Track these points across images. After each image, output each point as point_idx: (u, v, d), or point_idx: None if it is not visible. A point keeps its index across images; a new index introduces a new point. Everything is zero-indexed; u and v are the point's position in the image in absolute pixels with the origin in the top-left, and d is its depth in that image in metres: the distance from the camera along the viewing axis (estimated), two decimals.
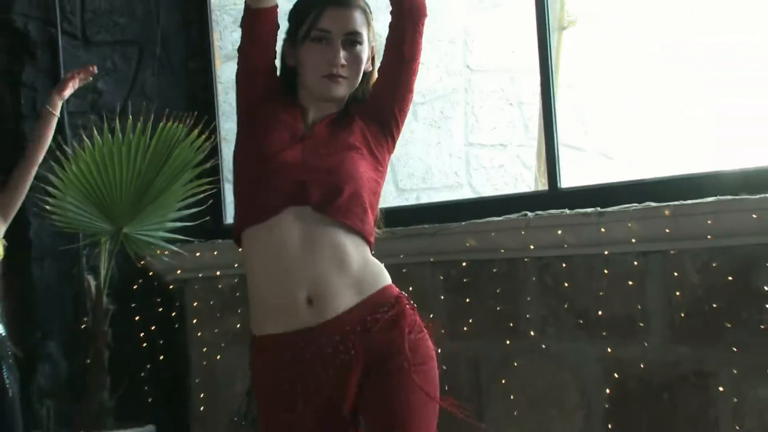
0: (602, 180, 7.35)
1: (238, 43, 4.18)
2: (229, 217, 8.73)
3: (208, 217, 8.54)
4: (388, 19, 4.25)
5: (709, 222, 6.06)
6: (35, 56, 8.21)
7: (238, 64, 4.16)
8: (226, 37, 9.15)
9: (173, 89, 8.65)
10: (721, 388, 6.06)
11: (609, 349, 6.65)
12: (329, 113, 4.11)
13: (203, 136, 8.12)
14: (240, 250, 4.20)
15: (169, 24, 8.83)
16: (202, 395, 8.64)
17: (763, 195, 5.79)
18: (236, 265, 8.16)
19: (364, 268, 4.07)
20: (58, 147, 7.70)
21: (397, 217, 6.82)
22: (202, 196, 8.32)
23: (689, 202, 6.17)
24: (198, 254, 8.43)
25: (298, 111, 4.10)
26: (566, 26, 9.87)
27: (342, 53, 4.02)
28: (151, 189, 8.16)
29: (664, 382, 6.35)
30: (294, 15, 4.10)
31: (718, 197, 6.02)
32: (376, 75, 4.16)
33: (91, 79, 6.90)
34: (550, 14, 7.41)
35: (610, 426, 6.70)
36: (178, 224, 8.33)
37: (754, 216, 5.83)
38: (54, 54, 8.41)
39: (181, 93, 8.74)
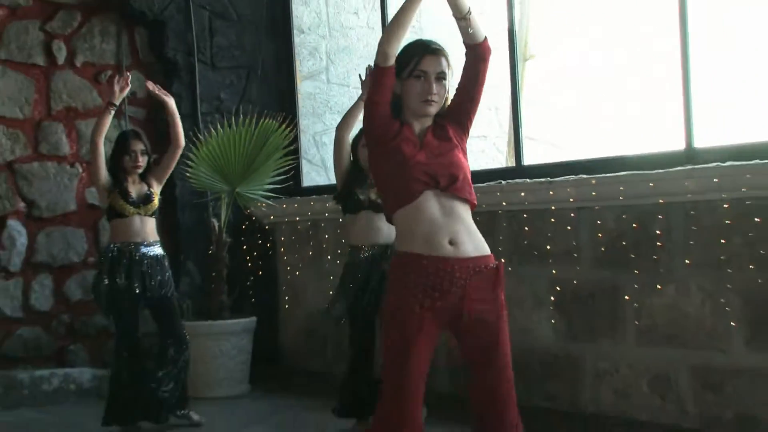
0: (550, 160, 7.32)
1: (370, 93, 4.08)
2: (305, 182, 9.34)
3: (291, 182, 8.76)
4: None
5: (621, 188, 6.24)
6: (180, 76, 8.71)
7: (369, 108, 4.07)
8: (304, 64, 9.46)
9: (269, 98, 9.07)
10: (627, 297, 6.24)
11: (554, 271, 6.76)
12: (427, 125, 4.03)
13: (288, 129, 8.33)
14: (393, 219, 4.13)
15: (267, 55, 9.22)
16: (286, 297, 8.97)
17: (657, 171, 6.02)
18: (309, 214, 8.78)
19: (475, 232, 4.03)
20: (194, 135, 8.03)
21: None
22: (287, 168, 8.52)
23: (608, 174, 6.38)
24: (284, 206, 8.78)
25: (408, 128, 4.02)
26: (528, 59, 10.10)
27: (434, 86, 3.94)
28: (254, 163, 8.40)
29: (590, 293, 6.54)
30: (400, 58, 3.99)
31: (628, 172, 6.22)
32: (451, 95, 4.09)
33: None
34: (518, 49, 7.43)
35: (553, 321, 6.85)
36: (272, 186, 8.57)
37: (651, 185, 6.04)
38: (192, 75, 8.83)
39: (274, 100, 9.11)
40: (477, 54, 3.99)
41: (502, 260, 4.23)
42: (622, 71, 9.18)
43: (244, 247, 8.82)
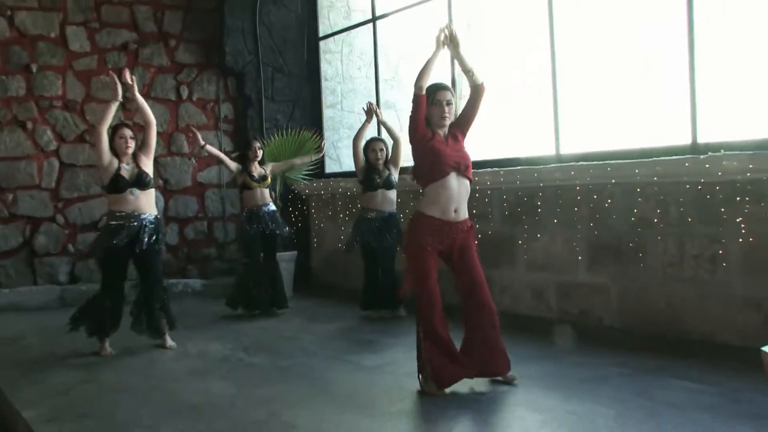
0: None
1: (414, 113, 4.19)
2: (327, 170, 9.14)
3: (318, 170, 8.83)
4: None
5: (517, 176, 6.12)
6: (253, 106, 8.99)
7: (415, 123, 4.18)
8: (327, 99, 9.36)
9: (306, 119, 9.27)
10: (519, 242, 6.28)
11: (477, 225, 6.42)
12: (444, 132, 4.23)
13: (316, 137, 8.37)
14: (425, 190, 4.26)
15: (305, 93, 9.30)
16: (314, 240, 9.08)
17: (536, 166, 6.00)
18: (329, 189, 8.65)
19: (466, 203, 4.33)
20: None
21: None
22: (316, 162, 8.22)
23: (510, 168, 6.27)
24: (314, 184, 8.86)
25: (437, 134, 4.21)
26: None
27: (446, 109, 4.21)
28: (296, 157, 8.02)
29: (498, 239, 6.43)
30: (427, 94, 4.18)
31: (522, 167, 6.13)
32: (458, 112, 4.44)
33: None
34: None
35: None
36: (307, 172, 8.62)
37: (535, 174, 6.05)
38: (260, 105, 8.93)
39: (309, 120, 9.26)
40: (476, 92, 4.31)
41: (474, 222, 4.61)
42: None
43: (290, 209, 8.92)
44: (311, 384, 4.46)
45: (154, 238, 5.60)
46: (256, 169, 7.04)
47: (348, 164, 8.65)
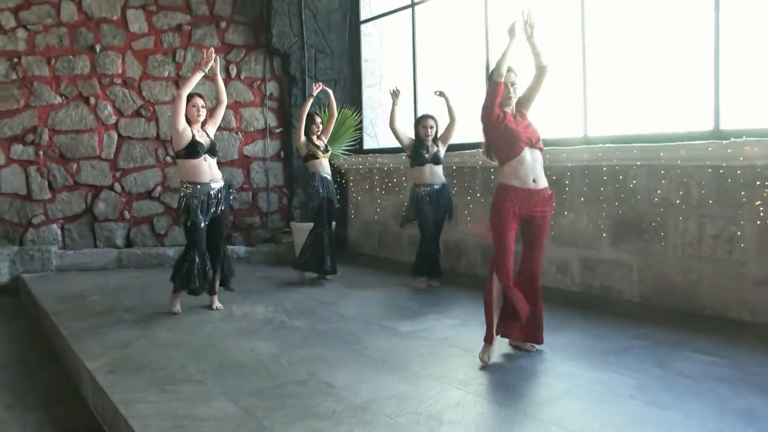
0: None
1: (487, 100, 4.16)
2: (365, 146, 9.13)
3: (357, 146, 8.93)
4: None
5: (547, 156, 5.81)
6: (297, 85, 8.86)
7: (490, 107, 4.15)
8: (366, 78, 9.33)
9: (347, 97, 9.17)
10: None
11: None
12: (512, 110, 4.23)
13: (356, 115, 8.51)
14: (503, 167, 4.21)
15: (346, 73, 9.24)
16: (352, 211, 9.10)
17: (565, 147, 5.93)
18: (366, 164, 8.60)
19: (543, 171, 4.29)
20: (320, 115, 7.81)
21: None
22: (355, 138, 8.68)
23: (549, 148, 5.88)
24: (353, 159, 8.82)
25: (508, 114, 4.20)
26: None
27: (511, 89, 4.21)
28: (337, 134, 8.32)
29: None
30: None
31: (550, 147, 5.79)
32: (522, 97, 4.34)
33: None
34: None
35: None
36: (347, 147, 8.69)
37: (564, 155, 5.67)
38: (304, 84, 8.85)
39: (349, 98, 9.20)
40: (539, 72, 4.31)
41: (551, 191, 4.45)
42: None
43: None
44: (349, 347, 4.49)
45: (226, 203, 5.64)
46: (319, 142, 7.05)
47: (385, 141, 8.64)
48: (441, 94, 6.56)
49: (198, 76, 5.47)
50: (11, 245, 7.96)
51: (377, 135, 9.19)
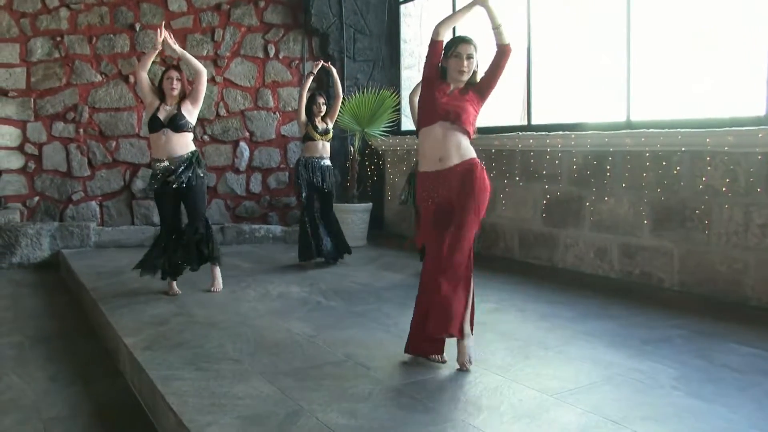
0: (548, 121, 6.84)
1: (425, 59, 3.81)
2: (403, 127, 9.07)
3: (395, 126, 8.88)
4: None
5: (588, 140, 6.12)
6: (336, 65, 8.46)
7: (425, 69, 3.79)
8: (404, 59, 9.29)
9: (385, 77, 9.19)
10: (587, 203, 6.24)
11: (546, 186, 6.69)
12: (457, 87, 3.72)
13: (395, 96, 8.42)
14: (417, 138, 3.91)
15: (384, 54, 9.19)
16: (388, 193, 9.14)
17: (609, 131, 5.90)
18: (404, 146, 8.61)
19: (465, 148, 3.69)
20: (343, 99, 7.79)
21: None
22: (393, 119, 8.62)
23: (580, 132, 6.22)
24: (390, 140, 8.89)
25: (446, 86, 3.72)
26: None
27: (465, 63, 3.67)
28: (375, 115, 8.42)
29: (565, 199, 6.47)
30: (447, 46, 3.70)
31: (591, 132, 6.09)
32: (479, 72, 3.75)
33: None
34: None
35: (543, 215, 6.70)
36: (384, 128, 8.64)
37: (606, 140, 5.91)
38: (342, 64, 8.85)
39: (387, 79, 9.20)
40: (501, 52, 3.73)
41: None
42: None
43: (367, 163, 8.99)
44: (385, 329, 4.47)
45: (188, 176, 5.36)
46: (320, 124, 6.82)
47: None
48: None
49: (151, 54, 5.40)
50: (52, 221, 8.06)
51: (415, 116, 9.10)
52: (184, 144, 5.45)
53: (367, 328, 4.48)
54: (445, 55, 3.78)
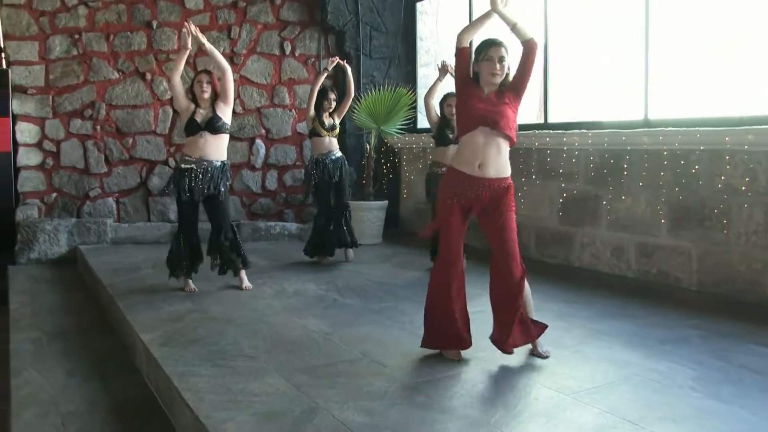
0: (564, 120, 6.88)
1: (454, 68, 3.87)
2: (419, 125, 9.00)
3: (411, 124, 8.82)
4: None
5: (605, 138, 6.14)
6: (351, 63, 8.40)
7: (456, 77, 3.84)
8: (421, 57, 9.29)
9: (401, 75, 9.19)
10: (604, 202, 6.24)
11: (562, 185, 6.67)
12: (492, 90, 3.75)
13: (411, 93, 8.42)
14: (458, 143, 3.89)
15: (401, 52, 9.19)
16: (404, 190, 9.14)
17: (626, 130, 5.86)
18: (420, 144, 8.58)
19: (504, 161, 3.77)
20: (357, 96, 8.08)
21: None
22: (409, 117, 8.55)
23: (596, 131, 6.22)
24: (406, 138, 8.88)
25: (480, 90, 3.76)
26: None
27: (497, 66, 3.71)
28: (391, 113, 8.40)
29: (582, 198, 6.46)
30: (477, 50, 3.76)
31: (607, 130, 6.11)
32: (511, 73, 3.78)
33: None
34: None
35: (560, 213, 6.68)
36: (400, 126, 8.59)
37: (623, 138, 5.90)
38: (358, 61, 8.84)
39: (403, 77, 9.20)
40: (527, 48, 3.75)
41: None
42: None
43: (383, 160, 8.98)
44: (401, 326, 4.46)
45: (217, 184, 5.43)
46: (327, 119, 6.75)
47: None
48: (444, 68, 6.12)
49: (183, 56, 5.43)
50: (69, 217, 8.11)
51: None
52: (222, 146, 5.54)
53: (383, 326, 4.47)
54: (476, 59, 3.83)
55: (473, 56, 3.87)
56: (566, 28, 7.11)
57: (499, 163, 3.78)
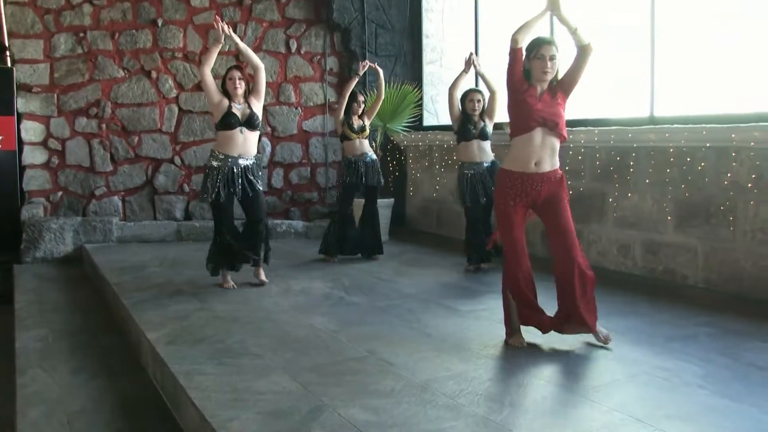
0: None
1: (507, 67, 3.96)
2: (425, 123, 9.06)
3: (417, 122, 8.83)
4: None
5: (612, 136, 6.11)
6: (357, 60, 8.55)
7: (509, 77, 3.94)
8: (426, 55, 9.26)
9: (407, 73, 9.15)
10: (610, 199, 6.21)
11: (568, 182, 6.26)
12: (543, 89, 3.92)
13: (417, 91, 8.42)
14: (511, 142, 4.01)
15: (407, 49, 9.19)
16: (411, 188, 9.13)
17: (633, 127, 5.83)
18: (426, 141, 8.59)
19: (557, 155, 3.95)
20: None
21: None
22: (415, 114, 8.56)
23: (604, 128, 6.20)
24: (413, 136, 8.83)
25: (533, 88, 3.91)
26: None
27: (548, 64, 3.87)
28: (397, 111, 8.38)
29: (588, 195, 6.39)
30: (528, 48, 3.92)
31: (614, 127, 6.08)
32: (560, 71, 3.96)
33: None
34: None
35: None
36: (407, 124, 8.54)
37: (630, 135, 5.89)
38: (364, 59, 8.42)
39: (409, 75, 9.14)
40: (582, 53, 3.93)
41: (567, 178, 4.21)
42: None
43: (389, 158, 8.94)
44: (408, 325, 4.46)
45: (251, 180, 5.45)
46: (357, 121, 6.80)
47: (445, 118, 8.49)
48: (470, 60, 6.15)
49: (215, 49, 5.44)
50: (75, 216, 8.13)
51: (437, 112, 9.12)
52: (255, 142, 5.58)
53: (390, 324, 4.47)
54: (528, 57, 3.97)
55: (524, 54, 4.00)
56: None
57: (554, 159, 4.01)
